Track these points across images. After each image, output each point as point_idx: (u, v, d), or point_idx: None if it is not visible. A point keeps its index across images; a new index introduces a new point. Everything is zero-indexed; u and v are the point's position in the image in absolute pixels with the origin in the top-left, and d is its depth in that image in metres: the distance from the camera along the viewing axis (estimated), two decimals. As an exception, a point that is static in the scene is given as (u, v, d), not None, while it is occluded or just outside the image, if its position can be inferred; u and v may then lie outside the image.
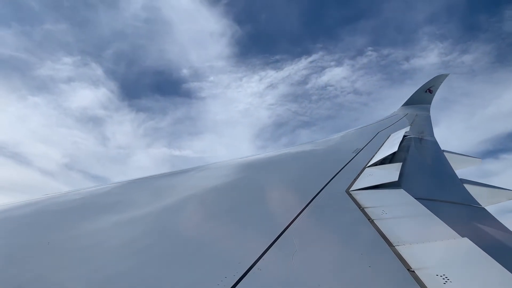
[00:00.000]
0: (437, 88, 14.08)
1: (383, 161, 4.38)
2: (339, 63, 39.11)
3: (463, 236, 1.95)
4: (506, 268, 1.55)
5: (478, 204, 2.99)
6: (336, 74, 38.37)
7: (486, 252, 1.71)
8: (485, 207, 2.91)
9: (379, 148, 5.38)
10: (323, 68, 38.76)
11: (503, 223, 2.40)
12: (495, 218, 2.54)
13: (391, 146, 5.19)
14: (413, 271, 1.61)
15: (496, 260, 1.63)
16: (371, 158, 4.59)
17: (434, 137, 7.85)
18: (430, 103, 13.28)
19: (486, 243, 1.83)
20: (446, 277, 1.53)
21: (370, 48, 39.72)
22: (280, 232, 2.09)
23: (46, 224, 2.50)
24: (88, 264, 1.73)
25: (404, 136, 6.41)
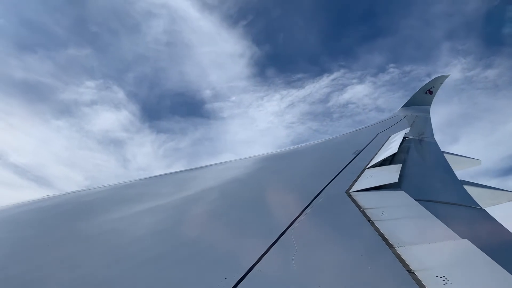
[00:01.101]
0: (437, 89, 14.08)
1: (383, 163, 4.38)
2: (361, 81, 38.78)
3: (463, 238, 1.95)
4: (506, 270, 1.55)
5: (478, 205, 2.99)
6: (358, 92, 37.81)
7: (486, 254, 1.71)
8: (485, 209, 2.91)
9: (379, 150, 5.38)
10: (345, 86, 38.53)
11: (503, 225, 2.40)
12: (495, 220, 2.54)
13: (391, 147, 5.19)
14: (413, 273, 1.61)
15: (496, 262, 1.63)
16: (371, 160, 4.59)
17: (434, 138, 7.85)
18: (430, 104, 13.27)
19: (486, 245, 1.82)
20: (446, 279, 1.53)
21: (392, 65, 39.04)
22: (281, 233, 2.09)
23: (47, 224, 2.50)
24: (88, 264, 1.73)
25: (404, 137, 6.41)
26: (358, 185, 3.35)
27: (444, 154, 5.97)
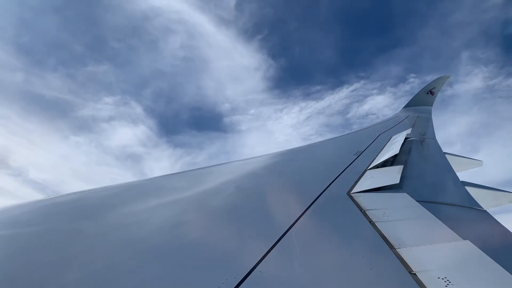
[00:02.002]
0: (439, 90, 14.06)
1: (384, 164, 4.38)
2: (381, 91, 38.78)
3: (464, 239, 1.95)
4: (508, 271, 1.55)
5: (480, 206, 2.98)
6: (378, 102, 38.01)
7: (487, 255, 1.71)
8: (487, 210, 2.91)
9: (381, 151, 5.37)
10: (365, 97, 38.63)
11: (505, 226, 2.39)
12: (497, 221, 2.53)
13: (392, 148, 5.18)
14: (415, 274, 1.61)
15: (498, 263, 1.63)
16: (373, 161, 4.58)
17: (436, 139, 7.83)
18: (431, 105, 13.25)
19: (487, 246, 1.82)
20: (447, 280, 1.53)
21: (412, 75, 38.76)
22: (282, 234, 2.09)
23: (48, 224, 2.51)
24: (88, 264, 1.73)
25: (406, 138, 6.41)
26: (359, 186, 3.35)
27: (446, 155, 5.96)
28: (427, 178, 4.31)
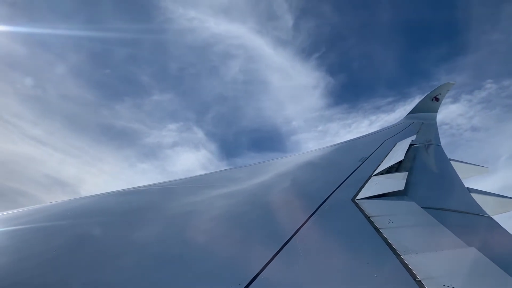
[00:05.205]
0: (444, 97, 14.01)
1: (389, 170, 4.37)
2: (455, 100, 36.90)
3: (470, 246, 1.94)
4: None
5: (486, 213, 2.97)
6: (451, 112, 35.93)
7: (493, 262, 1.70)
8: (493, 217, 2.89)
9: (385, 157, 5.36)
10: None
11: (511, 233, 2.38)
12: (503, 228, 2.52)
13: (397, 154, 5.18)
14: (420, 281, 1.61)
15: (504, 271, 1.62)
16: (377, 167, 4.58)
17: (441, 145, 7.80)
18: (436, 111, 13.20)
19: (493, 253, 1.82)
20: (453, 287, 1.52)
21: (489, 80, 37.23)
22: (286, 240, 2.10)
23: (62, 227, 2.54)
24: (87, 265, 1.74)
25: (411, 144, 6.39)
26: (364, 193, 3.35)
27: (451, 162, 5.93)
28: (432, 184, 4.29)
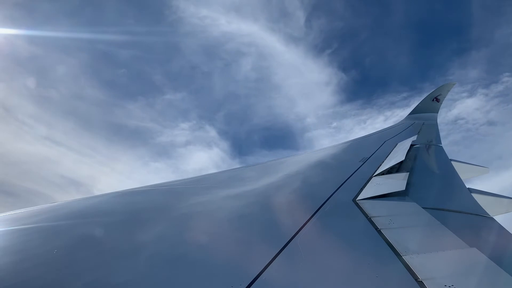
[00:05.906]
0: (444, 97, 14.01)
1: (390, 170, 4.37)
2: (471, 94, 36.48)
3: (471, 246, 1.94)
4: None
5: (487, 213, 2.96)
6: (468, 106, 35.79)
7: (495, 262, 1.70)
8: (494, 217, 2.89)
9: (386, 157, 5.36)
10: (454, 101, 35.99)
11: None
12: (504, 228, 2.51)
13: (398, 155, 5.17)
14: (421, 281, 1.61)
15: (505, 271, 1.62)
16: (378, 167, 4.57)
17: (442, 145, 7.79)
18: (437, 112, 13.20)
19: (495, 253, 1.82)
20: None
21: (506, 74, 35.96)
22: (287, 241, 2.10)
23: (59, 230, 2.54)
24: (91, 265, 1.75)
25: (411, 145, 6.39)
26: (365, 193, 3.35)
27: (452, 162, 5.93)
28: (433, 184, 4.29)
